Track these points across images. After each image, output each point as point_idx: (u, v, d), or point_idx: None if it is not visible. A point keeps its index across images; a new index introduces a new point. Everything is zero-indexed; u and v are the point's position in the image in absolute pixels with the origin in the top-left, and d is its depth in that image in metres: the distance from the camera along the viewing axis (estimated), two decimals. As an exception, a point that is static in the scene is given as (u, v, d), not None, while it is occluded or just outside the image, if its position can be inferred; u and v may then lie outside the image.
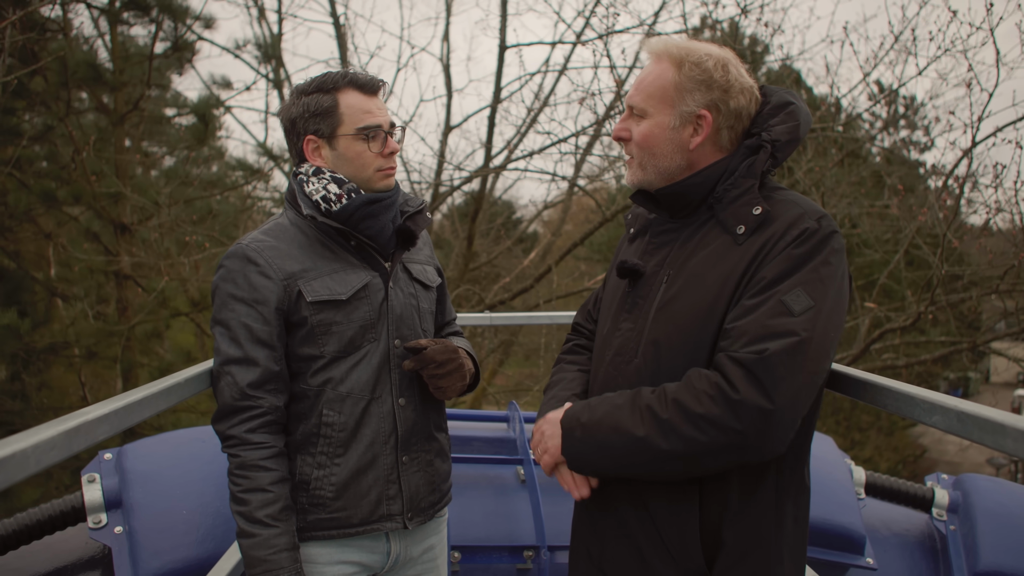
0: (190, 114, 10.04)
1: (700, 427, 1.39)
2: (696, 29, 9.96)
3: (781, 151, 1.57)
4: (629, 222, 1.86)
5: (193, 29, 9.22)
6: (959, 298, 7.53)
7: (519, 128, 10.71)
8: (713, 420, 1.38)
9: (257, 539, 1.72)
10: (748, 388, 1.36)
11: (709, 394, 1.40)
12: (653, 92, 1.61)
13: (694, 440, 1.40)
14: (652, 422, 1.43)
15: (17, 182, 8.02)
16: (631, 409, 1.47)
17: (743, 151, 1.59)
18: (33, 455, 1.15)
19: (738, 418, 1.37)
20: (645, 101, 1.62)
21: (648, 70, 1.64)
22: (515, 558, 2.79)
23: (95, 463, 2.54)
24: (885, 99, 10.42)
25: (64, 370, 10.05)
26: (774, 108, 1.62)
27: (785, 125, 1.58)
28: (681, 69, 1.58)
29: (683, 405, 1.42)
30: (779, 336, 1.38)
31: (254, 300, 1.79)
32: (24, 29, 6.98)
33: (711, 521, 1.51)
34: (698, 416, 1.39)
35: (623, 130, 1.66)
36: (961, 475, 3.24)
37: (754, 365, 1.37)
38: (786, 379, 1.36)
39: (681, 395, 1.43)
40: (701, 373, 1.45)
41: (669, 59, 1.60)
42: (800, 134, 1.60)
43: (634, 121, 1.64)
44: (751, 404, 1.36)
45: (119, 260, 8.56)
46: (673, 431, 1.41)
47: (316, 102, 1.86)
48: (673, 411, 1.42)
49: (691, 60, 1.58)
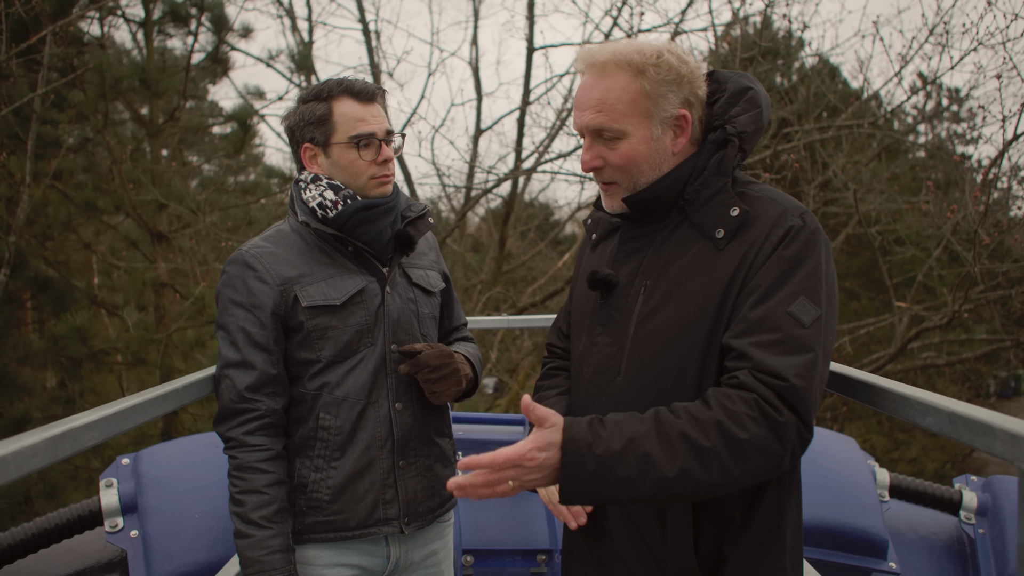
0: (226, 123, 10.22)
1: (745, 454, 1.29)
2: (727, 25, 9.84)
3: (748, 142, 1.50)
4: (590, 227, 1.77)
5: (228, 40, 9.39)
6: (1000, 295, 7.32)
7: (549, 130, 10.69)
8: (759, 445, 1.29)
9: (251, 540, 1.74)
10: (785, 409, 1.31)
11: (751, 415, 1.30)
12: (623, 109, 1.48)
13: (736, 469, 1.29)
14: (690, 453, 1.28)
15: (59, 193, 8.25)
16: (659, 438, 1.30)
17: (709, 147, 1.51)
18: (14, 461, 1.17)
19: (781, 441, 1.30)
20: (617, 120, 1.48)
21: (603, 86, 1.49)
22: (528, 562, 2.78)
23: (113, 468, 2.60)
24: (924, 92, 10.17)
25: (107, 376, 10.29)
26: (733, 96, 1.53)
27: (748, 114, 1.50)
28: (644, 75, 1.47)
29: (727, 431, 1.29)
30: (797, 353, 1.33)
31: (251, 305, 1.82)
32: (63, 43, 7.18)
33: (710, 538, 1.46)
34: (743, 442, 1.28)
35: (595, 159, 1.53)
36: (991, 477, 3.14)
37: (785, 391, 1.31)
38: (811, 395, 1.33)
39: (721, 417, 1.30)
40: (730, 394, 1.33)
41: (622, 69, 1.48)
42: (764, 121, 1.52)
43: (605, 146, 1.51)
44: (792, 425, 1.31)
45: (156, 268, 8.75)
46: (716, 461, 1.28)
47: (312, 110, 1.89)
48: (717, 438, 1.28)
49: (651, 63, 1.47)
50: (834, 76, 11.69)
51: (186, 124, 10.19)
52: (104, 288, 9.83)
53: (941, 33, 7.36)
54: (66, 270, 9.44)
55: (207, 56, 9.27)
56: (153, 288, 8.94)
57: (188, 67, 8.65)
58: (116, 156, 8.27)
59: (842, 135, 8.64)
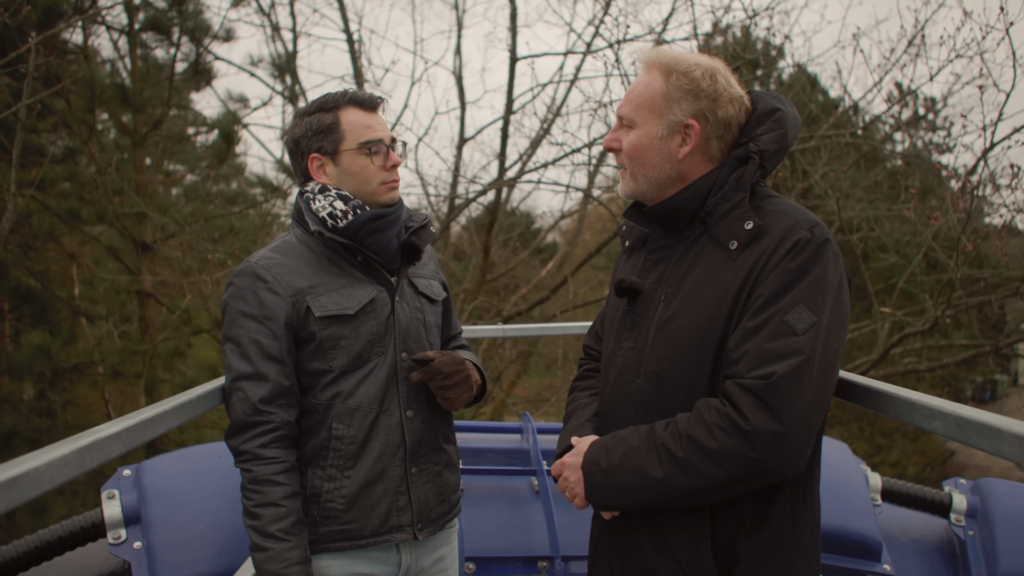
0: (209, 132, 10.19)
1: (718, 461, 1.40)
2: (708, 35, 9.96)
3: (769, 160, 1.57)
4: (624, 235, 1.86)
5: (210, 49, 9.36)
6: (980, 300, 7.45)
7: (532, 139, 10.75)
8: (728, 453, 1.39)
9: (270, 553, 1.74)
10: (758, 415, 1.37)
11: (720, 427, 1.40)
12: (641, 102, 1.61)
13: (713, 475, 1.41)
14: (669, 462, 1.44)
15: (40, 203, 8.17)
16: (647, 450, 1.48)
17: (731, 162, 1.58)
18: (47, 472, 1.18)
19: (753, 447, 1.37)
20: (633, 111, 1.62)
21: (638, 80, 1.65)
22: (530, 568, 2.80)
23: (114, 479, 2.59)
24: (901, 102, 10.35)
25: (89, 388, 10.19)
26: (761, 116, 1.61)
27: (772, 134, 1.57)
28: (669, 78, 1.58)
29: (697, 441, 1.42)
30: (784, 358, 1.39)
31: (264, 316, 1.83)
32: (49, 53, 7.13)
33: (724, 538, 1.51)
34: (713, 451, 1.40)
35: (613, 140, 1.67)
36: (980, 480, 3.21)
37: (762, 391, 1.37)
38: (796, 400, 1.37)
39: (694, 430, 1.43)
40: (710, 405, 1.44)
41: (658, 69, 1.61)
42: (788, 141, 1.59)
43: (624, 131, 1.65)
44: (763, 431, 1.36)
45: (141, 279, 8.69)
46: (691, 468, 1.42)
47: (318, 121, 1.91)
48: (688, 449, 1.42)
49: (679, 70, 1.58)
50: (814, 86, 11.86)
51: (168, 133, 10.15)
52: (86, 299, 9.74)
53: (918, 44, 7.50)
54: (48, 280, 9.35)
55: (189, 66, 9.24)
56: (138, 299, 8.87)
57: (172, 76, 8.63)
58: (101, 166, 8.22)
59: (822, 144, 8.77)
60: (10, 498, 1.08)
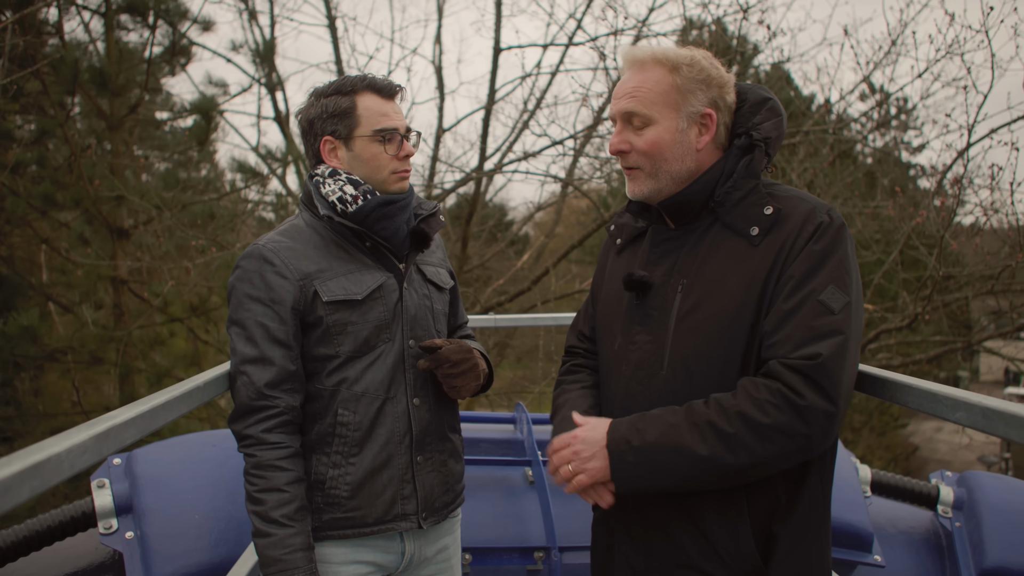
0: (186, 116, 10.01)
1: (770, 437, 1.40)
2: (682, 31, 10.01)
3: (772, 147, 1.61)
4: (614, 233, 1.85)
5: (187, 35, 9.19)
6: (953, 298, 7.58)
7: (513, 129, 10.72)
8: (781, 428, 1.40)
9: (273, 539, 1.72)
10: (812, 393, 1.40)
11: (773, 403, 1.41)
12: (655, 98, 1.59)
13: (763, 451, 1.41)
14: (715, 439, 1.42)
15: (7, 188, 7.97)
16: (689, 427, 1.45)
17: (736, 152, 1.61)
18: (67, 459, 1.14)
19: (806, 423, 1.40)
20: (648, 108, 1.59)
21: (640, 78, 1.61)
22: (526, 559, 2.80)
23: (104, 468, 2.53)
24: (876, 102, 10.48)
25: (57, 376, 9.98)
26: (754, 105, 1.64)
27: (771, 121, 1.62)
28: (678, 72, 1.59)
29: (748, 417, 1.41)
30: (827, 336, 1.42)
31: (270, 300, 1.80)
32: (27, 33, 6.95)
33: (761, 520, 1.53)
34: (766, 427, 1.40)
35: (623, 143, 1.63)
36: (966, 472, 3.26)
37: (811, 371, 1.40)
38: (842, 379, 1.42)
39: (744, 407, 1.42)
40: (757, 383, 1.44)
41: (659, 64, 1.60)
42: (783, 128, 1.64)
43: (633, 131, 1.62)
44: (817, 408, 1.39)
45: (116, 265, 8.52)
46: (741, 445, 1.41)
47: (334, 103, 1.88)
48: (739, 425, 1.42)
49: (684, 62, 1.59)
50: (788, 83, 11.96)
51: (143, 117, 9.95)
52: (59, 285, 9.53)
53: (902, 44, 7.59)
54: (19, 265, 9.14)
55: (166, 48, 9.08)
56: (112, 285, 8.70)
57: (150, 59, 8.47)
58: (76, 150, 8.04)
59: (799, 141, 8.86)
60: (34, 485, 1.05)
